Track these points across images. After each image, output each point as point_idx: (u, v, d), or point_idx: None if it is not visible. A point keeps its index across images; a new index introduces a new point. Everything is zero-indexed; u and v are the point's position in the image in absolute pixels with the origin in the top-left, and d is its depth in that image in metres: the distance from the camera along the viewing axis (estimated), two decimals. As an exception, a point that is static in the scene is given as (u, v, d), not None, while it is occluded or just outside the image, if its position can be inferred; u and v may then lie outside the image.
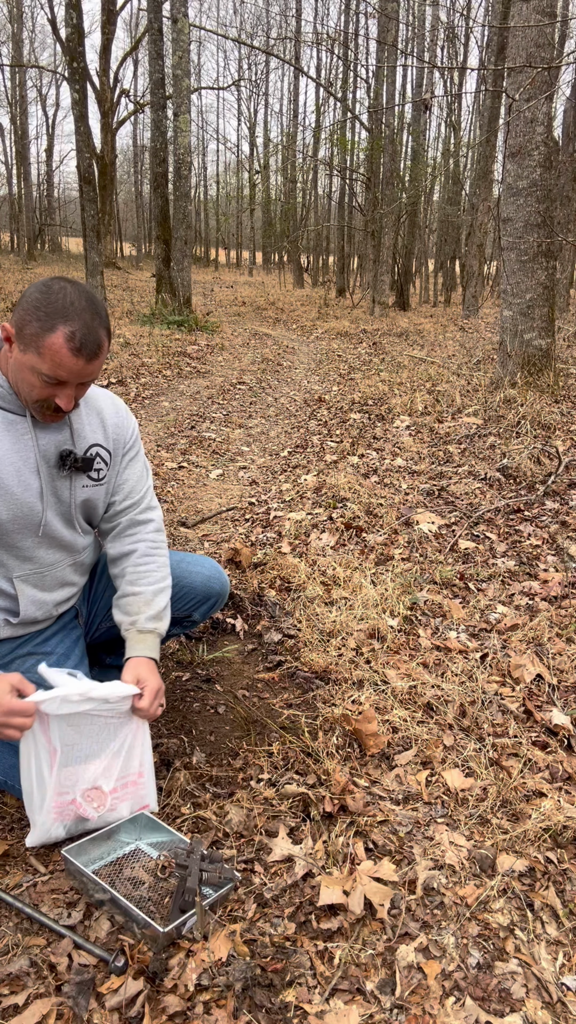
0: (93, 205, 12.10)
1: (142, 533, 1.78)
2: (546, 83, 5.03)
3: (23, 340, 1.44)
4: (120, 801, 1.61)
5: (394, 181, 15.08)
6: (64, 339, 1.41)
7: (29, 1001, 1.25)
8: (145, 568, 1.74)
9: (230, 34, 30.38)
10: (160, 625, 1.71)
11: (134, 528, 1.78)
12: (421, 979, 1.32)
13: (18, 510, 1.56)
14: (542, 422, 4.69)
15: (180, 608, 1.89)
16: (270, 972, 1.31)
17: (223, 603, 1.98)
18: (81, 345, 1.42)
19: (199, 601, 1.91)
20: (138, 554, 1.75)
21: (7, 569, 1.60)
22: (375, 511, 3.65)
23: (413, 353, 8.99)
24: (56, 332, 1.40)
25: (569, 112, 11.70)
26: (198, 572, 1.91)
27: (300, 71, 20.61)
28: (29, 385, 1.47)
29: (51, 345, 1.41)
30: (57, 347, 1.41)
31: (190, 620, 1.94)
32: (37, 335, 1.41)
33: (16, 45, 26.46)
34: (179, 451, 4.98)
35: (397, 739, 1.98)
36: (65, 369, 1.43)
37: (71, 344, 1.41)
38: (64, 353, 1.41)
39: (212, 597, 1.93)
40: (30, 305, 1.42)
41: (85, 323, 1.42)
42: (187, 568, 1.89)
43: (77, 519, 1.68)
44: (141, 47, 26.41)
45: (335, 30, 23.37)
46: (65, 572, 1.71)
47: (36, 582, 1.65)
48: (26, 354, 1.44)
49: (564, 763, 1.90)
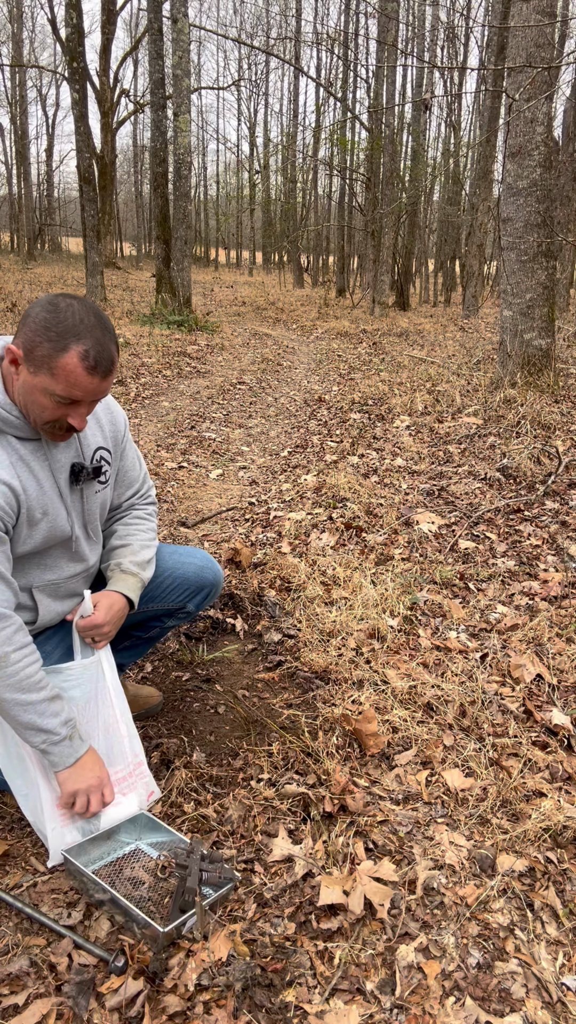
0: (93, 205, 12.10)
1: (138, 506, 1.88)
2: (546, 83, 5.03)
3: (33, 362, 1.40)
4: (123, 794, 1.61)
5: (394, 181, 15.09)
6: (79, 358, 1.38)
7: (29, 1001, 1.25)
8: (135, 527, 1.82)
9: (230, 34, 30.39)
10: (143, 573, 1.75)
11: (131, 509, 1.87)
12: (421, 979, 1.32)
13: (51, 534, 1.59)
14: (542, 422, 4.69)
15: (174, 599, 1.89)
16: (270, 972, 1.31)
17: (217, 594, 1.98)
18: (96, 363, 1.39)
19: (192, 592, 1.91)
20: (130, 517, 1.84)
21: (29, 579, 1.62)
22: (375, 511, 3.65)
23: (413, 353, 8.99)
24: (69, 352, 1.37)
25: (569, 112, 11.70)
26: (190, 563, 1.91)
27: (300, 71, 20.61)
28: (40, 407, 1.44)
29: (65, 365, 1.38)
30: (72, 367, 1.38)
31: (184, 611, 1.94)
32: (49, 356, 1.38)
33: (16, 45, 26.49)
34: (179, 451, 4.99)
35: (397, 739, 1.98)
36: (81, 389, 1.41)
37: (86, 363, 1.38)
38: (80, 373, 1.39)
39: (205, 587, 1.92)
40: (38, 325, 1.38)
41: (97, 340, 1.40)
42: (179, 559, 1.90)
43: (94, 528, 1.72)
44: (141, 47, 26.42)
45: (335, 30, 23.37)
46: (78, 584, 1.74)
47: (51, 592, 1.67)
48: (38, 376, 1.40)
49: (564, 763, 1.90)
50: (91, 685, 1.63)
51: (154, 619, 1.93)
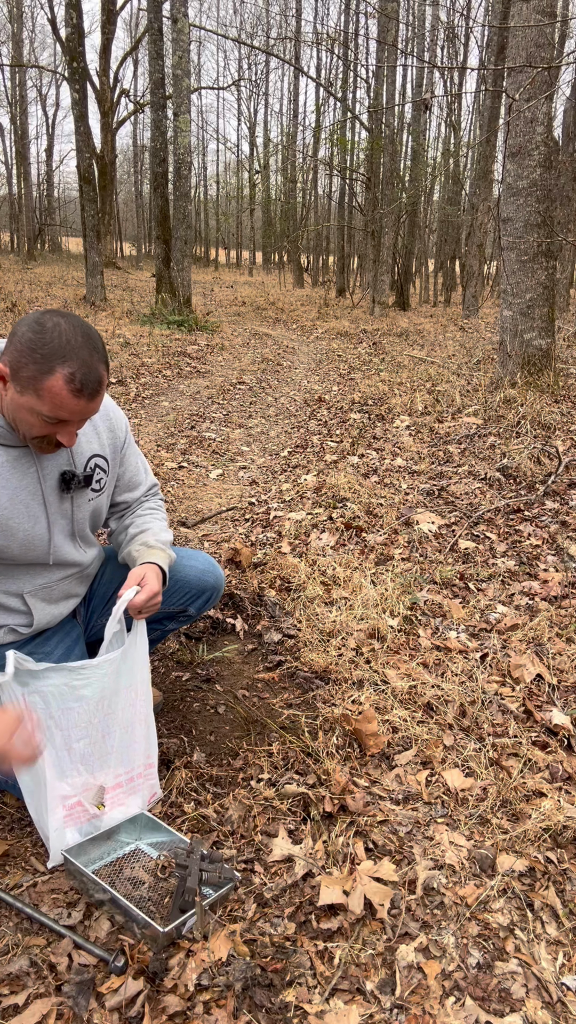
0: (93, 205, 12.10)
1: (149, 499, 1.90)
2: (546, 83, 5.03)
3: (19, 382, 1.39)
4: (128, 794, 1.61)
5: (394, 181, 15.09)
6: (64, 381, 1.36)
7: (29, 1001, 1.25)
8: (151, 516, 1.83)
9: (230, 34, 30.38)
10: (168, 550, 1.75)
11: (142, 504, 1.88)
12: (421, 979, 1.32)
13: (28, 543, 1.57)
14: (542, 422, 4.69)
15: (175, 602, 1.89)
16: (270, 972, 1.31)
17: (218, 597, 1.97)
18: (82, 386, 1.38)
19: (194, 595, 1.91)
20: (142, 509, 1.85)
21: (19, 585, 1.61)
22: (375, 511, 3.65)
23: (413, 353, 8.99)
24: (55, 375, 1.36)
25: (569, 112, 11.70)
26: (192, 566, 1.90)
27: (300, 71, 20.61)
28: (28, 424, 1.43)
29: (51, 388, 1.36)
30: (57, 390, 1.36)
31: (185, 615, 1.94)
32: (35, 378, 1.36)
33: (16, 45, 26.49)
34: (179, 451, 4.99)
35: (397, 739, 1.98)
36: (67, 411, 1.40)
37: (71, 386, 1.37)
38: (65, 395, 1.37)
39: (207, 591, 1.92)
40: (24, 346, 1.36)
41: (83, 361, 1.37)
42: (181, 562, 1.89)
43: (83, 535, 1.70)
44: (141, 47, 26.43)
45: (335, 30, 23.37)
46: (72, 585, 1.73)
47: (44, 596, 1.67)
48: (24, 396, 1.39)
49: (564, 763, 1.90)
50: (111, 682, 1.58)
51: (155, 622, 1.92)
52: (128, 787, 1.63)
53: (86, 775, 1.58)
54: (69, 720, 1.54)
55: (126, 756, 1.63)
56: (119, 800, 1.61)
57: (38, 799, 1.54)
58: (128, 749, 1.63)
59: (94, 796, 1.58)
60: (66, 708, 1.53)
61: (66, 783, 1.55)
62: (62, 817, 1.53)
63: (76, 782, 1.56)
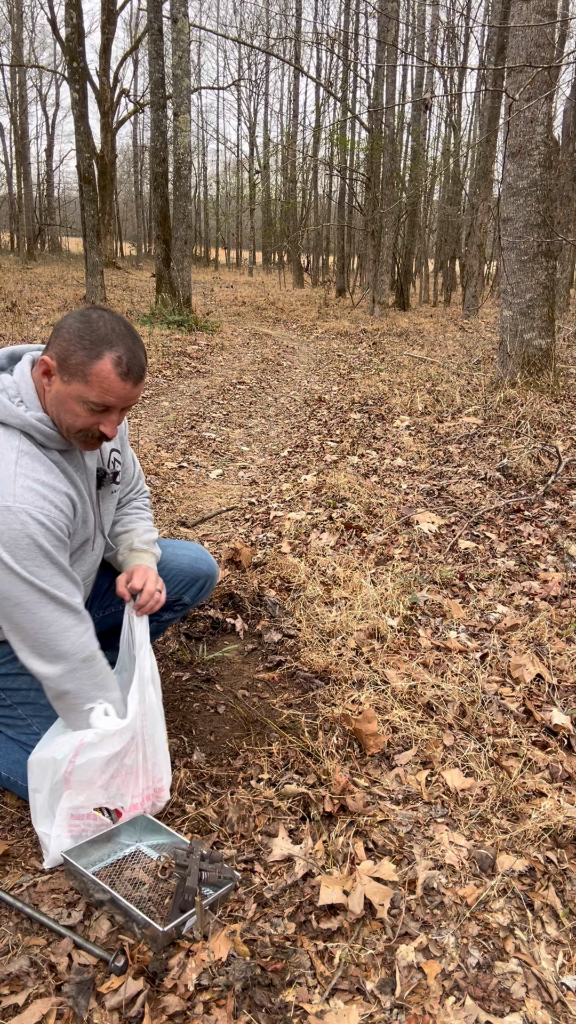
0: (93, 205, 12.10)
1: (134, 499, 1.94)
2: (546, 83, 5.03)
3: (67, 371, 1.45)
4: (137, 809, 1.61)
5: (394, 181, 15.08)
6: (112, 364, 1.43)
7: (29, 1001, 1.25)
8: (135, 516, 1.90)
9: (230, 34, 30.37)
10: (153, 549, 1.82)
11: (129, 503, 1.93)
12: (421, 979, 1.32)
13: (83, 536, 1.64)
14: (542, 422, 4.69)
15: (170, 591, 1.93)
16: (270, 972, 1.31)
17: (212, 585, 2.03)
18: (128, 369, 1.45)
19: (188, 583, 1.96)
20: (129, 508, 1.91)
21: None
22: (375, 511, 3.65)
23: (413, 353, 8.99)
24: (103, 359, 1.43)
25: (569, 112, 11.69)
26: (184, 554, 1.96)
27: (300, 71, 20.61)
28: (73, 415, 1.48)
29: (99, 372, 1.43)
30: (106, 373, 1.43)
31: (181, 603, 1.98)
32: (83, 363, 1.43)
33: (16, 45, 26.48)
34: (179, 451, 4.98)
35: (397, 739, 1.98)
36: (114, 394, 1.45)
37: (119, 369, 1.44)
38: (113, 379, 1.44)
39: (200, 578, 1.97)
40: (72, 335, 1.44)
41: (129, 348, 1.45)
42: (173, 551, 1.96)
43: (106, 527, 1.76)
44: (141, 47, 26.41)
45: (335, 30, 23.37)
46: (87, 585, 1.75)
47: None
48: (71, 384, 1.45)
49: (564, 763, 1.90)
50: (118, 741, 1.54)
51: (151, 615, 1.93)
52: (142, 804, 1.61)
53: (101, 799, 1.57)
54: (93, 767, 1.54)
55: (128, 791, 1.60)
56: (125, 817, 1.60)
57: (41, 803, 1.53)
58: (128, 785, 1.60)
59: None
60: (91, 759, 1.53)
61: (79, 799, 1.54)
62: (67, 827, 1.52)
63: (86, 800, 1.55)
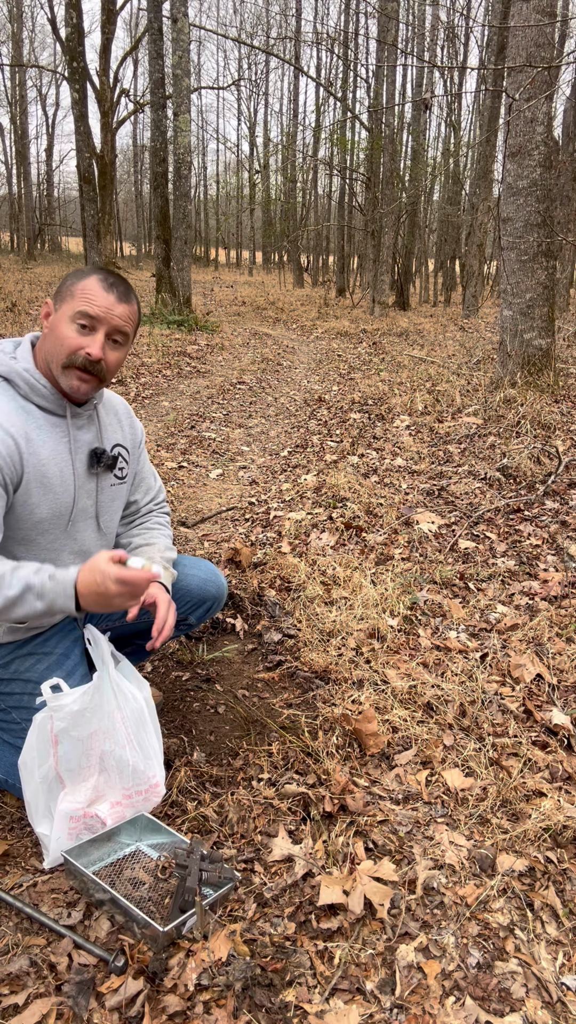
0: (93, 205, 12.11)
1: (156, 513, 1.93)
2: (546, 83, 5.03)
3: (60, 298, 1.54)
4: (132, 808, 1.60)
5: (394, 181, 15.08)
6: (97, 279, 1.53)
7: (29, 1001, 1.25)
8: (157, 532, 1.87)
9: (230, 34, 30.35)
10: (172, 569, 1.80)
11: (150, 515, 1.92)
12: (421, 979, 1.32)
13: (56, 508, 1.61)
14: (542, 422, 4.69)
15: (177, 611, 1.88)
16: (270, 972, 1.31)
17: (220, 607, 1.96)
18: (112, 284, 1.53)
19: (195, 604, 1.90)
20: (151, 522, 1.90)
21: None
22: (375, 511, 3.65)
23: (413, 353, 8.99)
24: (90, 277, 1.54)
25: (569, 112, 11.69)
26: (194, 575, 1.89)
27: (300, 71, 20.61)
28: (62, 340, 1.51)
29: (84, 285, 1.52)
30: (91, 285, 1.52)
31: (186, 623, 1.93)
32: (73, 284, 1.54)
33: (16, 45, 26.48)
34: (179, 451, 4.98)
35: (397, 739, 1.98)
36: (98, 304, 1.51)
37: (104, 283, 1.53)
38: (97, 290, 1.51)
39: (208, 600, 1.91)
40: (68, 275, 1.57)
41: (117, 276, 1.57)
42: (183, 571, 1.88)
43: (107, 523, 1.74)
44: (141, 47, 26.38)
45: (335, 30, 23.37)
46: None
47: None
48: (62, 308, 1.53)
49: (564, 763, 1.90)
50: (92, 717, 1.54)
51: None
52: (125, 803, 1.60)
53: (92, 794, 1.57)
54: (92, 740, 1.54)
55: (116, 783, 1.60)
56: (124, 814, 1.59)
57: (35, 804, 1.53)
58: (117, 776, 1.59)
59: None
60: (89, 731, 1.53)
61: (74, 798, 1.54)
62: (67, 829, 1.52)
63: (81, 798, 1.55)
